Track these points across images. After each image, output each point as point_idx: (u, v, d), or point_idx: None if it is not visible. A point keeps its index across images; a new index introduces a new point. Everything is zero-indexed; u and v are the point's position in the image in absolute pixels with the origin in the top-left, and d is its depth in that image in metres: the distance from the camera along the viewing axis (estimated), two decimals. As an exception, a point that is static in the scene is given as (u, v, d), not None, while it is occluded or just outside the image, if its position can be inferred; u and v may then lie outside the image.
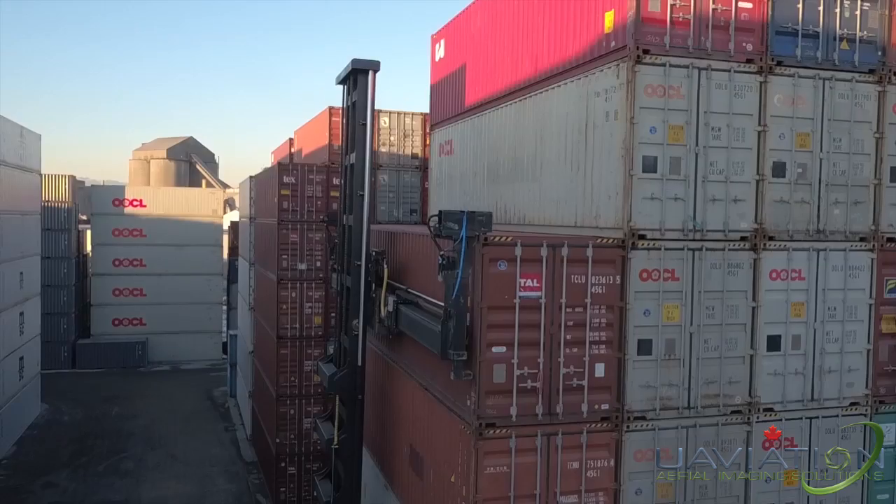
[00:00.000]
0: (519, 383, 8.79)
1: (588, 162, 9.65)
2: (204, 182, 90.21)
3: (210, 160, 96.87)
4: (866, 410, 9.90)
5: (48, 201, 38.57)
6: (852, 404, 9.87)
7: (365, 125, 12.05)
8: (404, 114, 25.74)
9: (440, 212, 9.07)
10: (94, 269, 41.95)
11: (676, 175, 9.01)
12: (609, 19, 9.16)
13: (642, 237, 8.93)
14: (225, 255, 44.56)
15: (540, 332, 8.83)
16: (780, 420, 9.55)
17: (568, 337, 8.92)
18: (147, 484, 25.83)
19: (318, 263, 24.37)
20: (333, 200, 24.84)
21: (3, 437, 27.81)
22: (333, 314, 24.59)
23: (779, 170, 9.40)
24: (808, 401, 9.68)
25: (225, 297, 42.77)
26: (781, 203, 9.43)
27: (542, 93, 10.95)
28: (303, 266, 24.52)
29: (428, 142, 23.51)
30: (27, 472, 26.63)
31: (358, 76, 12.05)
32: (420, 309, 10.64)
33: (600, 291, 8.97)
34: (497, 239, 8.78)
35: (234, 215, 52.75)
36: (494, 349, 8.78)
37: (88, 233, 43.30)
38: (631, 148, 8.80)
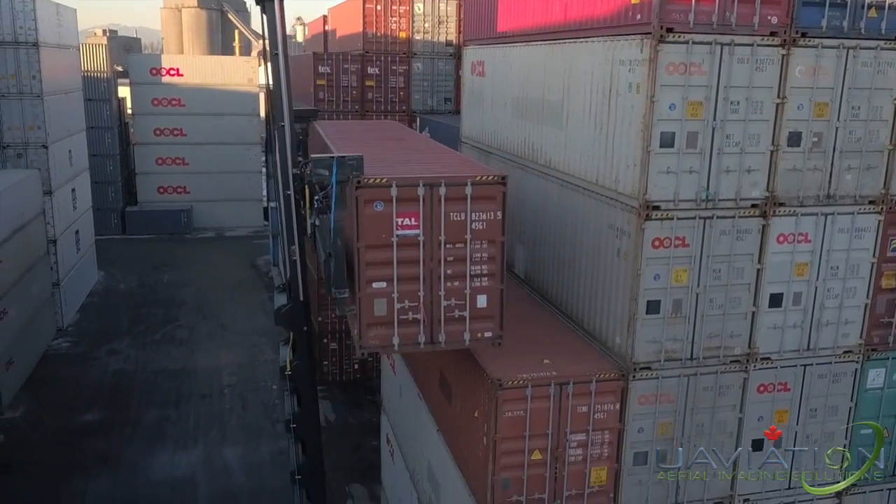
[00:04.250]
0: (400, 315, 9.41)
1: (610, 126, 10.06)
2: (237, 33, 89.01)
3: (242, 9, 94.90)
4: (858, 358, 10.73)
5: (87, 71, 39.06)
6: (846, 352, 10.69)
7: (277, 55, 11.54)
8: (438, -1, 25.40)
9: (311, 158, 9.41)
10: (136, 139, 43.05)
11: (693, 149, 9.42)
12: (636, -10, 9.27)
13: (656, 208, 9.51)
14: (262, 113, 45.11)
15: (419, 267, 9.34)
16: (776, 367, 10.46)
17: (448, 271, 9.39)
18: (200, 353, 28.08)
19: (354, 152, 25.04)
20: (368, 90, 25.18)
21: (67, 305, 30.06)
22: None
23: (794, 139, 9.73)
24: (803, 350, 10.51)
25: (264, 164, 43.82)
26: (794, 171, 9.83)
27: (570, 43, 11.14)
28: (339, 155, 25.24)
29: (462, 28, 23.38)
30: (92, 339, 29.04)
31: (265, 4, 11.59)
32: None
33: (481, 227, 9.34)
34: (372, 181, 9.08)
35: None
36: (375, 285, 9.31)
37: (128, 99, 44.04)
38: (650, 125, 9.20)
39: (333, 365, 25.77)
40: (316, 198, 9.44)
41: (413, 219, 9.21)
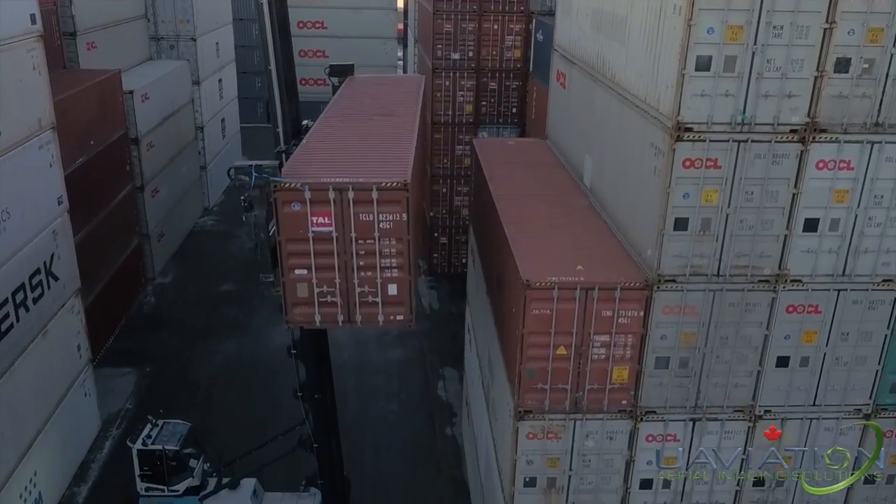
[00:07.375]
0: (320, 298, 10.83)
1: (658, 48, 10.34)
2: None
3: None
4: (897, 287, 10.78)
5: (233, -34, 40.97)
6: (885, 281, 10.74)
7: (262, 4, 12.01)
8: None
9: (234, 165, 10.90)
10: (281, 31, 45.16)
11: (730, 73, 9.59)
12: (683, -88, 9.35)
13: (689, 129, 9.85)
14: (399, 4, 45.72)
15: (334, 259, 10.62)
16: (807, 290, 10.72)
17: (361, 263, 10.66)
18: (325, 237, 30.46)
19: (471, 53, 25.64)
20: (484, -10, 25.38)
21: (213, 188, 33.25)
22: (484, 103, 26.32)
23: (842, 65, 9.64)
24: (838, 275, 10.68)
25: (400, 63, 44.97)
26: (840, 98, 9.78)
27: (635, -41, 11.29)
28: (456, 56, 25.88)
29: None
30: (233, 219, 32.09)
31: None
32: None
33: (388, 227, 10.50)
34: (287, 185, 10.30)
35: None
36: (297, 272, 10.74)
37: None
38: (685, 48, 9.46)
39: (442, 258, 27.40)
40: (242, 198, 10.91)
41: (326, 218, 10.53)
